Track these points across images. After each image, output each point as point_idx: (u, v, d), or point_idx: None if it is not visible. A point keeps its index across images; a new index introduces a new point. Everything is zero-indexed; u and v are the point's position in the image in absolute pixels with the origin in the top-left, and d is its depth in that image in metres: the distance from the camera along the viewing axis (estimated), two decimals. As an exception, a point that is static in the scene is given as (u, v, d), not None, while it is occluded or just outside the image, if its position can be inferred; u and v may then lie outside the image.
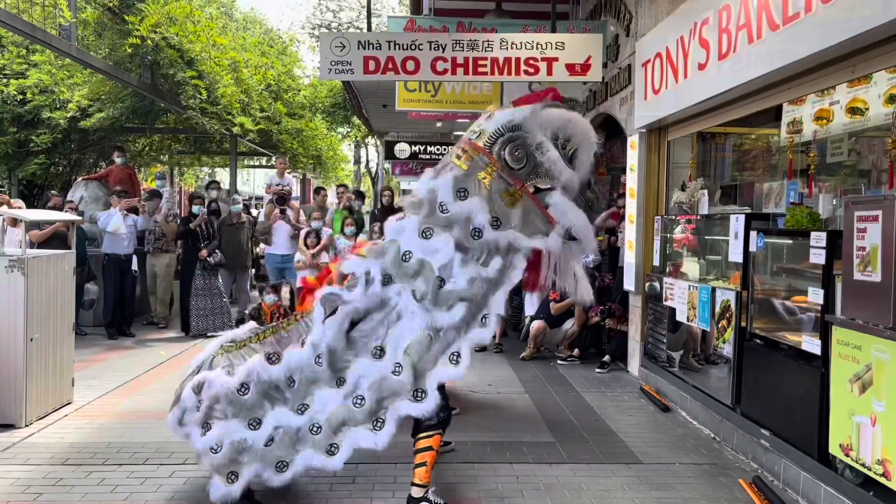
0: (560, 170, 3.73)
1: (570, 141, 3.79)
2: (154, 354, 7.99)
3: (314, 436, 3.73)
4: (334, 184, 27.76)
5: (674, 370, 6.31)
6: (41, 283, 5.47)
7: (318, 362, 3.73)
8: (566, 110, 3.90)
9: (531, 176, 3.73)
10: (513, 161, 3.70)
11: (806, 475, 4.16)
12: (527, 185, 3.73)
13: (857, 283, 3.61)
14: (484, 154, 3.74)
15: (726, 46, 5.19)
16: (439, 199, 3.71)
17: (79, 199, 10.29)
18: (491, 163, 3.71)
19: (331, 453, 3.71)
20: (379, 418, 3.70)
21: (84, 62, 10.61)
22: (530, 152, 3.71)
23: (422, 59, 6.92)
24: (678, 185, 6.88)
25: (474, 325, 3.70)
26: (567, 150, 3.78)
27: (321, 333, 3.73)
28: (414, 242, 3.74)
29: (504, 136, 3.74)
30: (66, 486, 4.25)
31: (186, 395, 3.91)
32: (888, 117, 4.39)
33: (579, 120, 3.88)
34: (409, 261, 3.73)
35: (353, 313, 3.74)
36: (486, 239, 3.67)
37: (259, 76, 15.32)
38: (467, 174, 3.72)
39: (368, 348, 3.75)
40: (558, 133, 3.77)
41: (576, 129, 3.81)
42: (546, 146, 3.72)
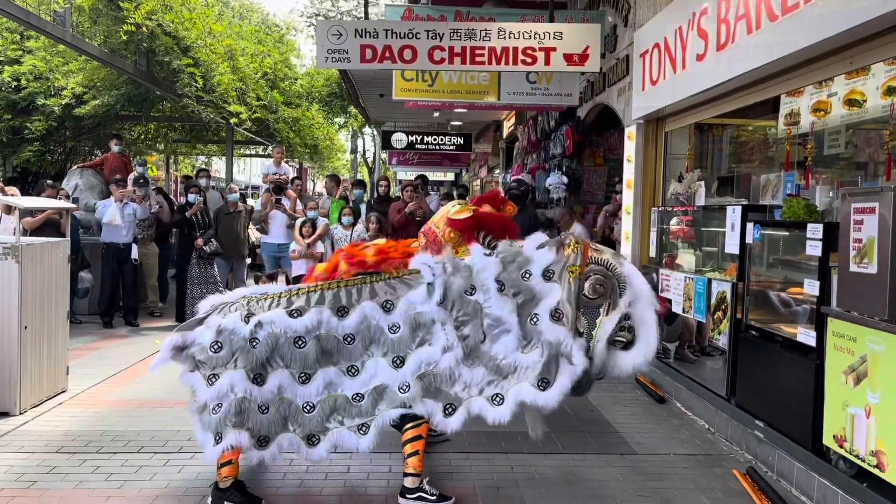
0: (600, 339, 3.73)
1: (626, 331, 3.75)
2: (149, 343, 7.97)
3: (306, 414, 3.73)
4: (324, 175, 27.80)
5: (669, 361, 6.32)
6: (35, 270, 5.44)
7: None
8: (647, 281, 3.88)
9: (583, 312, 3.82)
10: (589, 288, 3.73)
11: (800, 466, 4.18)
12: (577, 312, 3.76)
13: (852, 274, 3.61)
14: (584, 261, 3.75)
15: (725, 37, 5.17)
16: (530, 267, 3.76)
17: (73, 186, 10.23)
18: (580, 271, 3.73)
19: (311, 443, 3.73)
20: (366, 424, 3.75)
21: (79, 49, 10.55)
22: (604, 300, 3.75)
23: (419, 48, 6.87)
24: (675, 177, 6.87)
25: (486, 397, 3.72)
26: (618, 337, 3.75)
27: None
28: (487, 283, 3.77)
29: (606, 271, 3.76)
30: (60, 473, 4.24)
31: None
32: (886, 109, 4.38)
33: (653, 339, 3.76)
34: (471, 296, 3.78)
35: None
36: (538, 328, 3.68)
37: (255, 64, 15.26)
38: (565, 262, 3.75)
39: (390, 348, 3.79)
40: (625, 319, 3.75)
41: (643, 338, 3.74)
42: (613, 316, 3.73)
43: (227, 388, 3.64)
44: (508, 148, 16.02)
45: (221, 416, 3.64)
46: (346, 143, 31.38)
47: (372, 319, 3.78)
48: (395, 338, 3.78)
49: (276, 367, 3.74)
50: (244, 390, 3.65)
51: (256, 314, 3.75)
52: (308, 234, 8.60)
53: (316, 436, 3.74)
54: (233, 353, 3.68)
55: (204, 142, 19.71)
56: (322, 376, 3.76)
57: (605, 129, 10.05)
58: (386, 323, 3.79)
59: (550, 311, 3.67)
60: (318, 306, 3.78)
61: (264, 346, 3.69)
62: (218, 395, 3.65)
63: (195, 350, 3.75)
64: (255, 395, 3.68)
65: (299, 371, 3.75)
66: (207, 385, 3.68)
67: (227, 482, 3.81)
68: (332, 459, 4.50)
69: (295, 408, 3.75)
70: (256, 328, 3.69)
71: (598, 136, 10.25)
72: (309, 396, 3.75)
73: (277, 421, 3.73)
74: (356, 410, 3.77)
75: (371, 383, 3.78)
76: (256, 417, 3.68)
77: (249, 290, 4.02)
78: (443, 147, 17.50)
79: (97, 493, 3.98)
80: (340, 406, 3.77)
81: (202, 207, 9.30)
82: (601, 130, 10.12)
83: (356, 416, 3.77)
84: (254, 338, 3.68)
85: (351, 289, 3.87)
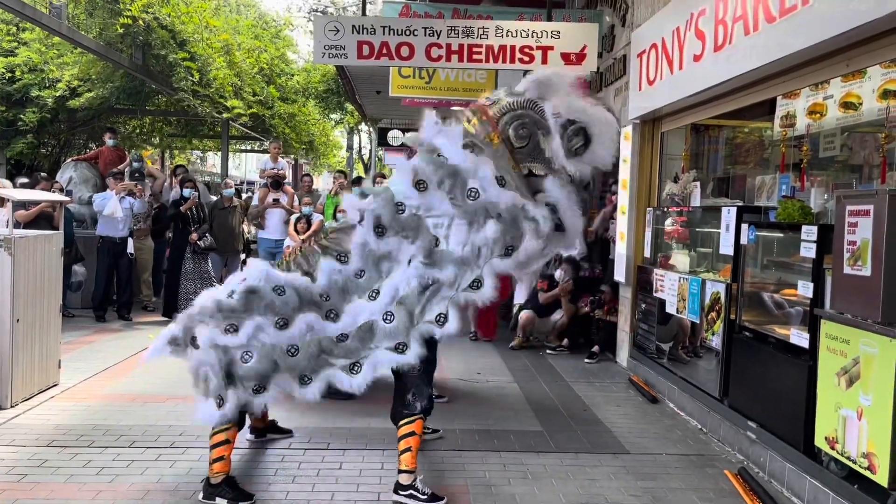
0: (560, 161, 3.62)
1: (578, 135, 3.61)
2: (142, 337, 7.94)
3: (290, 357, 3.67)
4: (327, 171, 27.64)
5: (662, 361, 6.33)
6: (28, 263, 5.41)
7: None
8: (593, 104, 3.75)
9: (528, 158, 3.64)
10: (515, 138, 3.61)
11: (791, 467, 4.19)
12: (521, 166, 3.65)
13: (846, 277, 3.62)
14: (490, 123, 3.65)
15: (722, 38, 5.17)
16: (440, 147, 3.65)
17: (68, 179, 10.19)
18: (495, 133, 3.63)
19: (303, 383, 3.68)
20: (358, 362, 3.68)
21: (74, 41, 10.50)
22: (534, 134, 3.62)
23: (416, 45, 6.87)
24: (671, 177, 6.87)
25: (465, 287, 3.64)
26: (573, 144, 3.61)
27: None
28: (408, 192, 3.69)
29: (515, 112, 3.64)
30: (50, 467, 4.22)
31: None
32: (881, 112, 4.39)
33: (601, 116, 3.69)
34: (403, 213, 3.69)
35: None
36: (484, 200, 3.57)
37: (252, 59, 15.22)
38: (474, 134, 3.65)
39: (364, 290, 3.73)
40: (569, 124, 3.62)
41: (593, 127, 3.63)
42: (553, 134, 3.62)
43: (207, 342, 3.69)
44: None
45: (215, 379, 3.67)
46: (342, 140, 31.33)
47: (334, 274, 3.75)
48: (363, 281, 3.74)
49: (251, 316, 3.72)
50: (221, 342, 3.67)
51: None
52: (303, 231, 8.57)
53: (307, 375, 3.68)
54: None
55: (199, 136, 19.65)
56: (301, 320, 3.68)
57: (602, 129, 10.05)
58: (349, 272, 3.75)
59: (493, 177, 3.56)
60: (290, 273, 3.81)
61: (242, 299, 3.70)
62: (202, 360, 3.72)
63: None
64: (234, 344, 3.67)
65: (276, 318, 3.69)
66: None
67: (219, 477, 3.80)
68: (323, 457, 4.51)
69: (279, 350, 3.67)
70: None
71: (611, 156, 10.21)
72: (291, 339, 3.67)
73: (265, 366, 3.68)
74: (343, 350, 3.69)
75: (354, 324, 3.70)
76: (242, 368, 3.67)
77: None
78: (439, 145, 17.46)
79: (88, 487, 3.96)
80: (326, 348, 3.70)
81: (197, 202, 9.27)
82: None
83: (343, 355, 3.69)
84: (232, 291, 3.72)
85: (307, 256, 3.90)
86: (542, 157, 3.63)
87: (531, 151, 3.62)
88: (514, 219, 3.61)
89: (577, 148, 3.62)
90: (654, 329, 6.51)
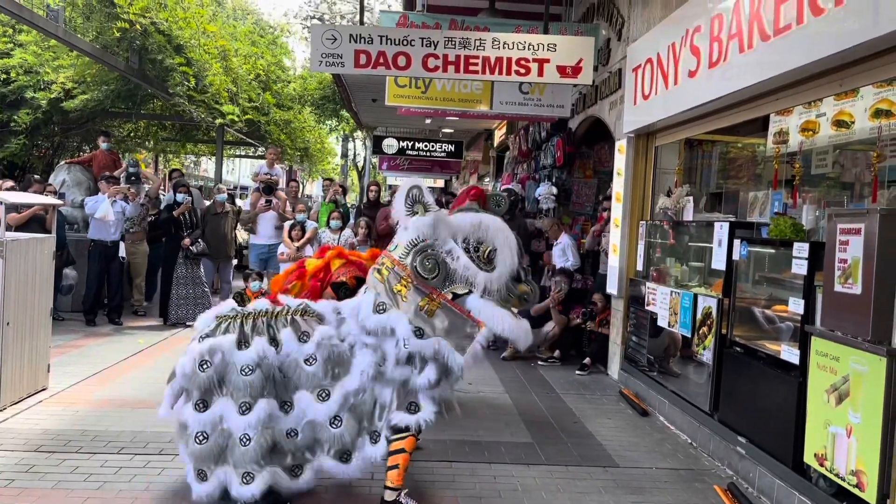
0: (473, 274, 3.83)
1: (481, 244, 3.88)
2: (132, 342, 7.91)
3: (242, 447, 3.70)
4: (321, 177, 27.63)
5: (653, 375, 6.34)
6: (19, 266, 5.39)
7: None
8: (474, 213, 4.00)
9: (446, 283, 3.84)
10: (424, 271, 3.81)
11: (780, 483, 4.20)
12: (444, 292, 3.84)
13: (837, 294, 3.64)
14: (398, 266, 3.87)
15: (717, 55, 5.21)
16: (360, 317, 3.84)
17: (61, 182, 10.14)
18: (406, 275, 3.83)
19: (245, 481, 3.68)
20: (301, 466, 3.80)
21: (71, 44, 10.49)
22: (440, 261, 3.83)
23: (413, 55, 6.88)
24: (664, 191, 6.90)
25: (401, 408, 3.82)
26: (481, 251, 3.87)
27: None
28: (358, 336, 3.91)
29: (416, 247, 3.86)
30: (38, 473, 4.19)
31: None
32: (873, 131, 4.42)
33: (489, 221, 3.96)
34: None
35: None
36: (412, 349, 3.74)
37: (248, 66, 15.22)
38: (387, 289, 3.85)
39: (313, 385, 3.84)
40: (468, 237, 3.89)
41: (487, 231, 3.90)
42: (455, 252, 3.85)
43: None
44: (499, 157, 16.06)
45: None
46: (336, 147, 31.33)
47: (293, 352, 3.85)
48: (311, 369, 3.83)
49: (221, 395, 3.78)
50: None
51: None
52: (297, 238, 8.57)
53: (248, 473, 3.68)
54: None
55: (194, 141, 19.62)
56: (263, 406, 3.74)
57: (596, 142, 10.10)
58: (302, 353, 3.86)
59: (410, 332, 3.72)
60: (258, 336, 3.85)
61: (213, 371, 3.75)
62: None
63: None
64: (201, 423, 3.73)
65: (239, 403, 3.74)
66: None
67: None
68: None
69: (232, 440, 3.72)
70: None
71: (588, 149, 10.29)
72: (248, 427, 3.71)
73: (214, 451, 3.72)
74: (291, 445, 3.81)
75: (302, 421, 3.81)
76: (195, 447, 3.72)
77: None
78: (434, 154, 17.51)
79: (75, 493, 3.94)
80: (278, 442, 3.77)
81: (190, 207, 9.25)
82: (592, 143, 10.17)
83: (291, 452, 3.81)
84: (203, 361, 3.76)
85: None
86: (457, 277, 3.84)
87: (445, 277, 3.84)
88: (441, 359, 3.78)
89: (489, 254, 3.87)
90: (646, 342, 6.52)
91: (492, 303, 3.84)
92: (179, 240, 8.96)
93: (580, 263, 8.69)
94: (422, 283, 3.80)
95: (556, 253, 8.69)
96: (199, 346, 3.79)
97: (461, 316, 3.83)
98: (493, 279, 3.85)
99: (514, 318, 3.92)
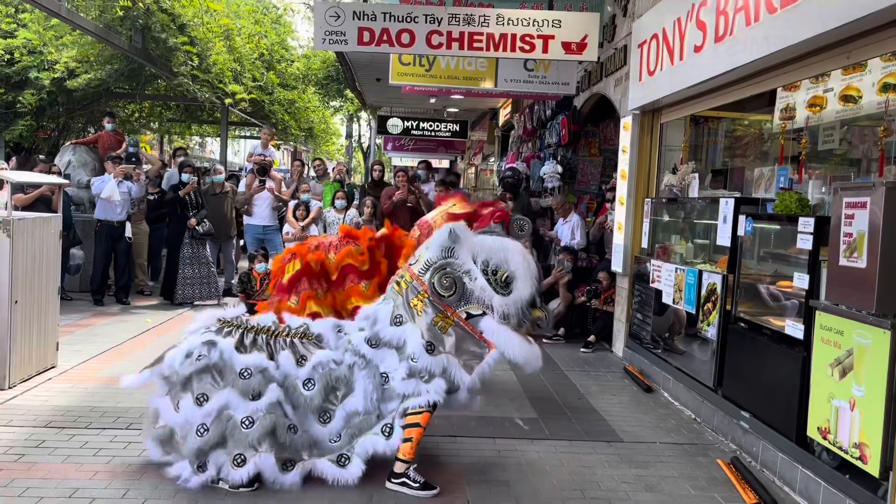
0: (489, 296, 3.87)
1: (501, 267, 3.90)
2: (140, 321, 7.97)
3: (244, 430, 3.79)
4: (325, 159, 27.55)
5: (658, 351, 6.36)
6: (26, 245, 5.42)
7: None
8: (499, 237, 4.04)
9: (461, 302, 3.89)
10: (441, 289, 3.86)
11: (783, 457, 4.22)
12: (458, 311, 3.89)
13: (842, 269, 3.64)
14: (417, 281, 3.93)
15: (723, 29, 5.16)
16: (377, 327, 3.92)
17: (66, 163, 10.15)
18: (423, 290, 3.89)
19: (236, 464, 3.76)
20: (292, 461, 3.85)
21: (73, 23, 10.43)
22: (458, 280, 3.88)
23: (417, 32, 6.84)
24: (669, 168, 6.88)
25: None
26: (500, 275, 3.89)
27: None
28: (364, 349, 3.96)
29: (436, 265, 3.90)
30: (48, 447, 4.25)
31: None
32: (881, 106, 4.39)
33: (511, 246, 3.99)
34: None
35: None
36: (422, 365, 3.79)
37: (252, 45, 15.14)
38: (405, 302, 3.92)
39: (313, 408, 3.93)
40: (489, 260, 3.92)
41: (507, 255, 3.93)
42: (474, 273, 3.89)
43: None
44: (504, 136, 15.99)
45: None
46: (341, 128, 31.26)
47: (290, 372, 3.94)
48: (308, 393, 3.91)
49: (221, 387, 3.86)
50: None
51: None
52: (302, 218, 8.58)
53: (241, 455, 3.75)
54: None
55: (199, 122, 19.57)
56: (274, 392, 3.84)
57: (602, 120, 10.05)
58: (301, 376, 3.94)
59: (422, 347, 3.79)
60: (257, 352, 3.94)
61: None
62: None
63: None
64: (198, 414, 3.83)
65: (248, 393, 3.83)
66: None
67: None
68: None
69: (233, 423, 3.79)
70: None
71: (594, 126, 10.24)
72: (256, 411, 3.79)
73: (215, 440, 3.79)
74: (289, 439, 3.87)
75: (303, 429, 3.93)
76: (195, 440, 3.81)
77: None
78: (438, 134, 17.46)
79: (85, 467, 3.99)
80: (279, 431, 3.83)
81: (196, 187, 9.26)
82: (597, 120, 10.11)
83: (288, 447, 3.86)
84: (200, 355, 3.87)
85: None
86: (473, 298, 3.89)
87: (461, 296, 3.89)
88: (449, 377, 3.84)
89: (505, 279, 3.89)
90: (651, 319, 6.53)
91: (505, 326, 3.88)
92: (185, 220, 8.98)
93: (586, 243, 8.69)
94: (438, 299, 3.87)
95: (565, 231, 8.69)
96: (197, 339, 3.90)
97: (472, 336, 3.89)
98: (508, 304, 3.89)
99: (526, 342, 3.95)
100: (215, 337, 3.92)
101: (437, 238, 3.98)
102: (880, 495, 3.41)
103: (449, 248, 3.93)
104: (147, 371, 4.04)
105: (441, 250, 3.94)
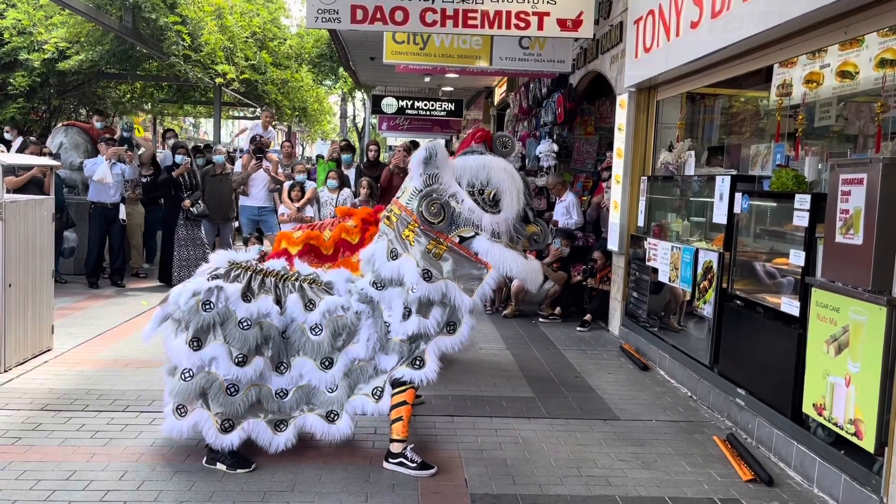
0: (479, 217, 3.82)
1: (487, 186, 3.84)
2: (135, 304, 7.95)
3: (228, 396, 3.78)
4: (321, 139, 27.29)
5: (654, 330, 6.37)
6: (19, 228, 5.38)
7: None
8: (479, 156, 3.97)
9: (452, 227, 3.84)
10: (429, 216, 3.80)
11: (778, 433, 4.25)
12: (450, 236, 3.84)
13: (838, 245, 3.63)
14: (405, 212, 3.89)
15: (720, 4, 5.11)
16: (376, 266, 3.89)
17: (58, 144, 10.06)
18: (412, 220, 3.84)
19: (224, 429, 3.76)
20: (285, 422, 3.86)
21: (62, 2, 10.30)
22: (445, 204, 3.82)
23: (411, 9, 6.76)
24: (665, 146, 6.85)
25: (405, 363, 3.84)
26: (486, 194, 3.84)
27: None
28: (370, 291, 3.94)
29: (422, 193, 3.84)
30: (45, 430, 4.25)
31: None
32: (878, 81, 4.36)
33: (494, 162, 3.92)
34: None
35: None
36: (420, 294, 3.76)
37: (244, 23, 14.98)
38: (397, 235, 3.88)
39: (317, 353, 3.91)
40: (473, 180, 3.85)
41: (491, 173, 3.86)
42: (460, 196, 3.83)
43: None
44: (500, 115, 15.91)
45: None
46: (335, 107, 31.06)
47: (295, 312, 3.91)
48: (316, 338, 3.89)
49: (216, 338, 3.81)
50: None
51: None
52: (297, 198, 8.53)
53: (230, 420, 3.76)
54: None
55: (191, 102, 19.44)
56: (256, 364, 3.81)
57: (598, 98, 9.98)
58: (310, 321, 3.90)
59: (419, 276, 3.75)
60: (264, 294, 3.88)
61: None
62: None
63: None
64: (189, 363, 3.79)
65: (236, 353, 3.77)
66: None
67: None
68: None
69: (217, 385, 3.76)
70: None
71: (589, 105, 10.18)
72: (238, 379, 3.77)
73: (194, 390, 3.77)
74: (276, 406, 3.87)
75: (297, 382, 3.91)
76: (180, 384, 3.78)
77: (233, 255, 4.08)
78: (433, 113, 17.35)
79: (82, 450, 3.99)
80: (264, 399, 3.85)
81: (189, 168, 9.20)
82: (593, 98, 10.05)
83: (276, 411, 3.87)
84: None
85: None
86: (462, 221, 3.83)
87: (451, 221, 3.83)
88: (449, 302, 3.81)
89: (493, 196, 3.85)
90: (647, 297, 6.54)
91: (500, 244, 3.83)
92: (179, 201, 8.93)
93: (583, 222, 8.68)
94: (428, 227, 3.81)
95: (560, 210, 8.66)
96: (206, 284, 3.81)
97: (469, 259, 3.82)
98: (499, 221, 3.84)
99: (523, 258, 3.91)
100: (223, 283, 3.84)
101: (415, 162, 3.88)
102: (875, 471, 3.43)
103: (432, 174, 3.85)
104: (158, 309, 3.99)
105: (423, 177, 3.86)
